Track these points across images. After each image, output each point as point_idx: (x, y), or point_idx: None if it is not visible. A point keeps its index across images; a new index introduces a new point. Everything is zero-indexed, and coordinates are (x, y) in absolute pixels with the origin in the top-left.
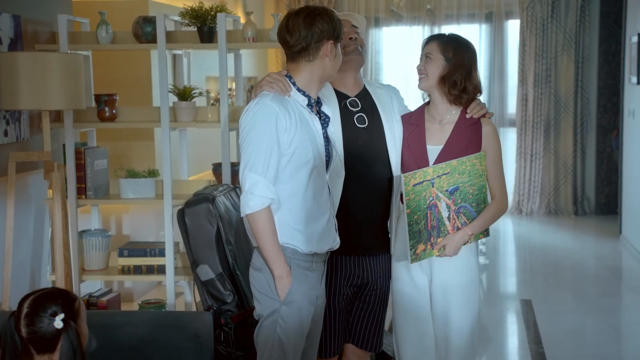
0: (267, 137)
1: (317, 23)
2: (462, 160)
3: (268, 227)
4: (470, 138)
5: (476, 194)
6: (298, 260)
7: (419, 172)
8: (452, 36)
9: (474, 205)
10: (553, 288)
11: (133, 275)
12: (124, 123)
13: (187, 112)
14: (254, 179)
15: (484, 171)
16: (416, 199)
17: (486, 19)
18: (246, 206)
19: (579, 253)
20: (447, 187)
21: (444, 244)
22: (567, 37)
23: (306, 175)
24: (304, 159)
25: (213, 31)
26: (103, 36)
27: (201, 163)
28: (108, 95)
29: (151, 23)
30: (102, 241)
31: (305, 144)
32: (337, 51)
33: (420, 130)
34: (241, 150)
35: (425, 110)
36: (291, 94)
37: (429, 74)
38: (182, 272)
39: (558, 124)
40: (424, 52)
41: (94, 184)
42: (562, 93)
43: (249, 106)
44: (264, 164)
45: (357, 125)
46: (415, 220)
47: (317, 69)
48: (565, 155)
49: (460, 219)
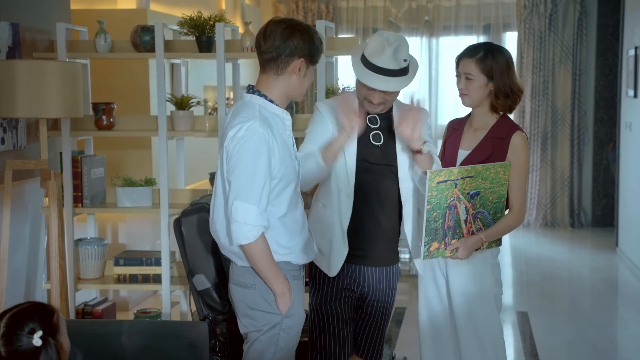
0: (261, 166)
1: (295, 37)
2: (487, 166)
3: (265, 252)
4: (497, 148)
5: (495, 202)
6: (292, 272)
7: (445, 170)
8: (487, 49)
9: (492, 213)
10: (549, 300)
11: (129, 284)
12: (122, 132)
13: (184, 121)
14: (246, 209)
15: (506, 181)
16: (438, 197)
17: (484, 31)
18: (241, 237)
19: (575, 265)
20: (469, 190)
21: (458, 246)
22: (564, 50)
23: (290, 194)
24: (289, 179)
25: (211, 41)
26: (101, 45)
27: (198, 172)
28: (106, 104)
29: (149, 32)
30: (98, 250)
31: (287, 165)
32: (307, 71)
33: (457, 134)
34: (229, 178)
35: (468, 117)
36: (272, 109)
37: (471, 94)
38: (178, 281)
39: (555, 136)
40: (461, 71)
41: (90, 192)
42: (559, 105)
43: (235, 132)
44: (257, 193)
45: (372, 142)
46: (434, 217)
47: (284, 85)
48: (562, 167)
49: (477, 224)
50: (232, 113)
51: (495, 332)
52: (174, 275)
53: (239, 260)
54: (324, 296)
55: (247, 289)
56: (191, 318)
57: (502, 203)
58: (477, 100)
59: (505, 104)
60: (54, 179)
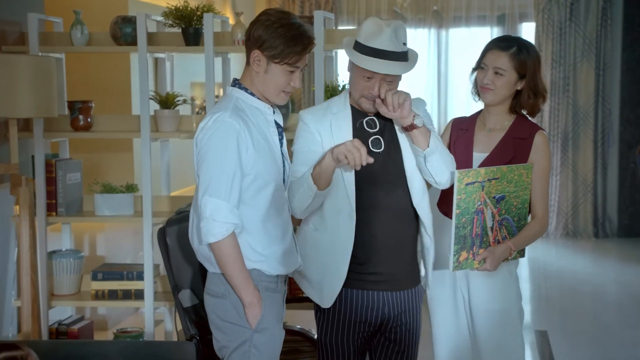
0: (229, 158)
1: (258, 26)
2: (511, 167)
3: (235, 254)
4: (519, 150)
5: (519, 207)
6: (265, 283)
7: (472, 171)
8: (521, 45)
9: (516, 220)
10: (571, 318)
11: (108, 300)
12: (100, 133)
13: (169, 121)
14: (215, 204)
15: (528, 184)
16: (466, 200)
17: (498, 22)
18: (209, 234)
19: (599, 279)
20: (494, 194)
21: (485, 256)
22: (587, 42)
23: (269, 195)
24: (266, 178)
25: (199, 33)
26: (78, 37)
27: (184, 177)
28: (82, 102)
29: (131, 23)
30: (74, 263)
31: (266, 163)
32: (267, 68)
33: (468, 135)
34: (198, 172)
35: (477, 116)
36: (251, 102)
37: (497, 90)
38: (163, 297)
39: (577, 138)
40: (490, 64)
41: (65, 199)
42: (582, 103)
43: (205, 123)
44: (227, 187)
45: (371, 149)
46: (463, 223)
47: (252, 77)
48: (585, 172)
49: (502, 232)
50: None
51: (518, 353)
52: (157, 291)
53: (211, 267)
54: (334, 330)
55: (218, 299)
56: (177, 338)
57: (525, 209)
58: (501, 98)
59: (535, 105)
60: (25, 185)
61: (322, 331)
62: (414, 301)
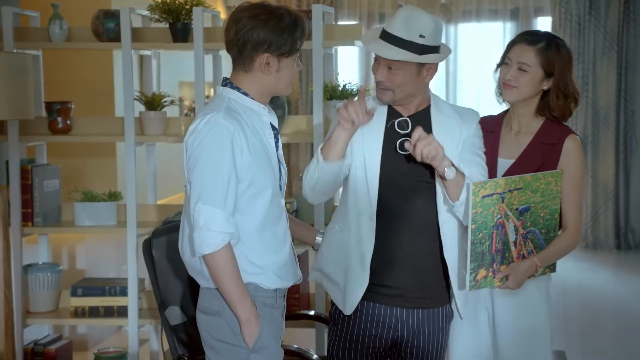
0: (224, 162)
1: (256, 28)
2: (537, 175)
3: (231, 266)
4: (547, 156)
5: (547, 218)
6: (262, 298)
7: (490, 182)
8: (550, 40)
9: (544, 233)
10: (591, 337)
11: (88, 318)
12: (80, 136)
13: (156, 124)
14: (209, 212)
15: (558, 193)
16: (483, 214)
17: (511, 17)
18: (204, 245)
19: (622, 295)
20: (517, 206)
21: (507, 274)
22: (607, 38)
23: (265, 202)
24: (263, 184)
25: (188, 28)
26: (56, 33)
27: (172, 184)
28: (61, 103)
29: (114, 18)
30: (52, 277)
31: (262, 167)
32: (279, 65)
33: (494, 138)
34: (190, 179)
35: (504, 116)
36: (245, 103)
37: (520, 87)
38: (148, 314)
39: (597, 142)
40: (514, 59)
41: (42, 208)
42: (602, 104)
43: (196, 125)
44: (222, 194)
45: (398, 151)
46: (480, 239)
47: (256, 82)
48: (606, 179)
49: (527, 246)
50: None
51: None
52: (142, 308)
53: (204, 281)
54: (343, 343)
55: (212, 317)
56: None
57: (555, 220)
58: (524, 97)
59: (565, 107)
60: None
61: (331, 343)
62: (437, 323)
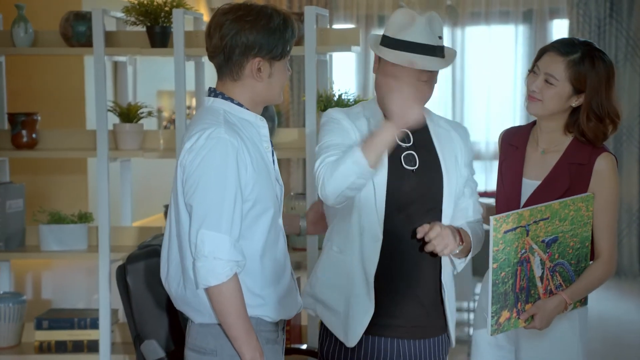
0: (230, 182)
1: (244, 31)
2: (565, 202)
3: (238, 299)
4: (576, 178)
5: (577, 247)
6: (265, 333)
7: (513, 214)
8: (587, 51)
9: (574, 263)
10: None
11: (55, 354)
12: (47, 151)
13: (131, 138)
14: (216, 239)
15: (589, 219)
16: (506, 251)
17: (524, 19)
18: (211, 276)
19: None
20: (543, 237)
21: (533, 313)
22: (630, 43)
23: (266, 224)
24: (266, 204)
25: (167, 32)
26: (21, 37)
27: (149, 204)
28: (26, 115)
29: (85, 20)
30: (14, 309)
31: (265, 185)
32: (272, 70)
33: (519, 156)
34: (190, 201)
35: (531, 131)
36: (241, 115)
37: (545, 101)
38: (122, 349)
39: (619, 157)
40: (543, 69)
41: (4, 231)
42: (624, 116)
43: (194, 142)
44: (228, 218)
45: (404, 166)
46: (502, 278)
47: (247, 90)
48: (629, 198)
49: (555, 279)
50: (190, 123)
51: None
52: (116, 342)
53: (198, 316)
54: None
55: (206, 356)
56: None
57: (586, 248)
58: (548, 112)
59: (597, 130)
60: None
61: None
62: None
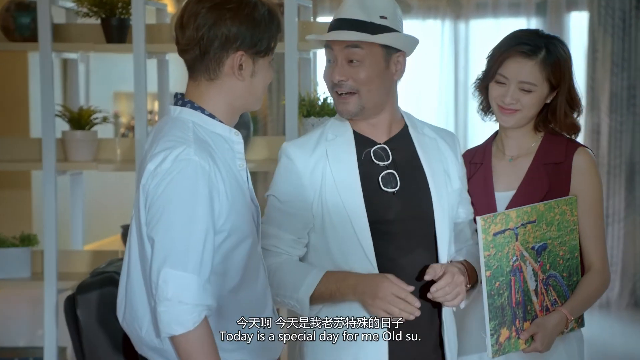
0: (200, 213)
1: (224, 21)
2: (550, 204)
3: (209, 347)
4: (556, 177)
5: (567, 258)
6: None
7: (500, 215)
8: (547, 42)
9: (565, 277)
10: None
11: None
12: None
13: (83, 147)
14: (181, 279)
15: (575, 224)
16: (497, 256)
17: (537, 12)
18: (176, 323)
19: None
20: (533, 243)
21: (534, 332)
22: None
23: (243, 257)
24: (242, 233)
25: (125, 25)
26: None
27: (105, 224)
28: None
29: (29, 11)
30: None
31: (241, 212)
32: (255, 68)
33: (485, 170)
34: (152, 234)
35: (492, 142)
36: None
37: (525, 109)
38: None
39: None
40: (514, 78)
41: None
42: None
43: (158, 164)
44: (196, 255)
45: (382, 188)
46: (497, 289)
47: (224, 93)
48: None
49: (550, 294)
50: (152, 135)
51: None
52: None
53: None
54: None
55: None
56: None
57: (575, 259)
58: (529, 120)
59: (573, 122)
60: None
61: None
62: None
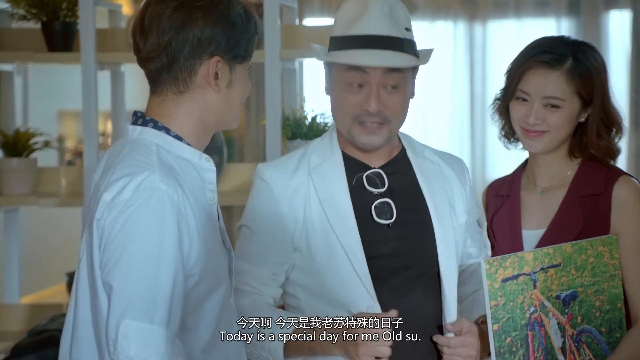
0: (167, 252)
1: (195, 22)
2: (580, 244)
3: None
4: (593, 212)
5: (607, 309)
6: None
7: (511, 257)
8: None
9: (604, 332)
10: None
11: None
12: None
13: (20, 178)
14: (147, 332)
15: (617, 269)
16: (508, 307)
17: (569, 11)
18: None
19: None
20: (558, 292)
21: None
22: None
23: (216, 309)
24: (215, 278)
25: (72, 30)
26: None
27: (46, 271)
28: None
29: None
30: None
31: (213, 252)
32: (232, 77)
33: (511, 204)
34: (108, 279)
35: (522, 172)
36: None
37: (554, 130)
38: None
39: None
40: (537, 94)
41: None
42: None
43: (117, 193)
44: (163, 304)
45: (375, 220)
46: (509, 347)
47: (195, 108)
48: None
49: (582, 353)
50: (105, 161)
51: None
52: None
53: None
54: None
55: None
56: None
57: (619, 311)
58: (560, 141)
59: (610, 144)
60: None
61: None
62: None
